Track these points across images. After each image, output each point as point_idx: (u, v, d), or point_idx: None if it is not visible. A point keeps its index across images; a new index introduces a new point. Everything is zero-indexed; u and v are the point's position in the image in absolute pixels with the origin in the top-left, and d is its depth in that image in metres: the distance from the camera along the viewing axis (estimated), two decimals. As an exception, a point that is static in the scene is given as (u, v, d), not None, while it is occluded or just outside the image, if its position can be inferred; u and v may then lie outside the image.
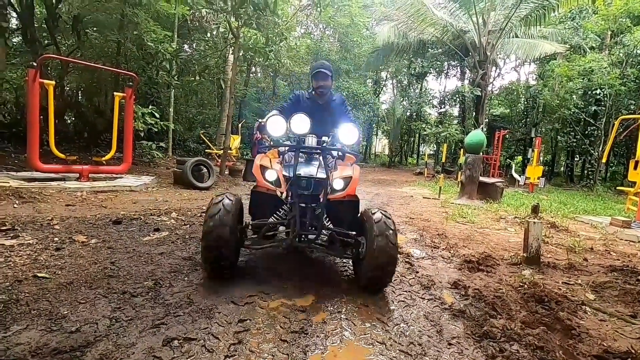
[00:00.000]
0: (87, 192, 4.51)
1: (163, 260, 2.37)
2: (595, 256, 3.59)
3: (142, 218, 3.42)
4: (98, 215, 3.40)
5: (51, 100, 4.82)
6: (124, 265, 2.23)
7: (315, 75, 2.70)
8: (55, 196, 4.09)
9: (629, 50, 12.42)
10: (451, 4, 13.48)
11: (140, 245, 2.66)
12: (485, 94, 13.13)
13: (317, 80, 2.71)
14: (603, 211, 7.33)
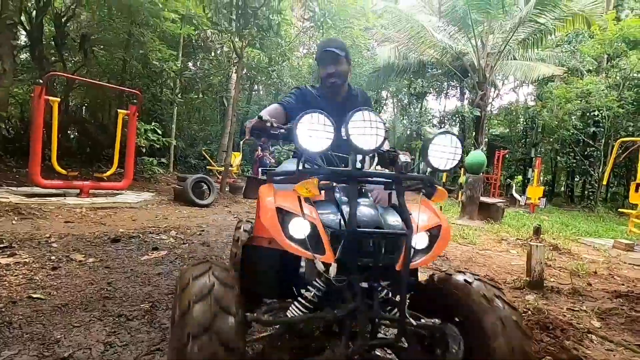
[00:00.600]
0: (87, 208, 4.49)
1: (161, 281, 2.33)
2: (599, 280, 3.54)
3: (140, 236, 3.39)
4: (96, 233, 3.38)
5: (55, 116, 4.87)
6: (120, 286, 2.19)
7: (322, 59, 1.79)
8: (55, 212, 4.07)
9: (626, 73, 12.62)
10: (450, 27, 13.82)
11: (138, 264, 2.63)
12: (485, 114, 13.28)
13: (326, 66, 1.78)
14: (605, 233, 7.27)
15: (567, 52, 15.80)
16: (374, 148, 1.12)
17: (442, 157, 1.17)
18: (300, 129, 1.10)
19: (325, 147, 1.11)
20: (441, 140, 1.16)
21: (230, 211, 5.82)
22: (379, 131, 1.11)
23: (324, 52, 1.78)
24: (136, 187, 7.49)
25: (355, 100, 1.91)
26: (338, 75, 1.79)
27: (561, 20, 12.13)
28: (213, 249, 3.25)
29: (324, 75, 1.80)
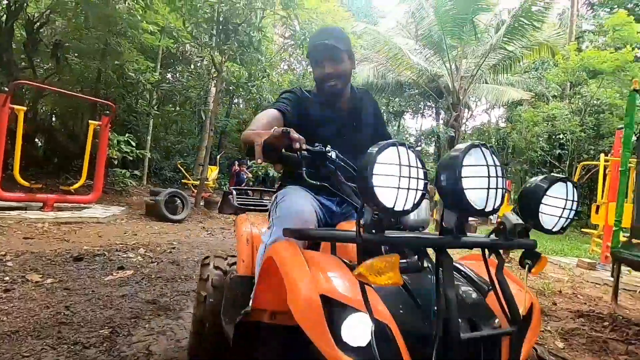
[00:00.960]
0: (50, 223, 4.27)
1: (124, 304, 2.22)
2: (563, 300, 3.67)
3: (106, 254, 3.24)
4: (58, 250, 3.20)
5: (20, 125, 4.66)
6: (79, 310, 2.07)
7: (317, 55, 1.36)
8: (13, 227, 3.84)
9: (587, 100, 13.49)
10: (426, 50, 14.39)
11: (101, 286, 2.50)
12: (459, 134, 13.76)
13: (322, 64, 1.35)
14: (570, 252, 7.60)
15: (534, 78, 16.77)
16: (494, 209, 0.73)
17: (557, 214, 0.83)
18: (380, 172, 0.66)
19: (415, 203, 0.69)
20: (557, 191, 0.82)
21: (204, 227, 5.69)
22: (499, 181, 0.72)
23: (319, 45, 1.33)
24: (106, 201, 7.20)
25: (363, 109, 1.50)
26: (338, 76, 1.34)
27: (528, 48, 12.91)
28: (183, 268, 3.15)
29: (321, 77, 1.35)
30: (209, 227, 5.69)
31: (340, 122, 1.42)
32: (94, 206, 5.64)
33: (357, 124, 1.46)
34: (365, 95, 1.56)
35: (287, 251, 0.85)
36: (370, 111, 1.53)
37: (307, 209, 1.20)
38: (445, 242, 0.76)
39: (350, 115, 1.46)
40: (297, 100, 1.39)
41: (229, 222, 6.77)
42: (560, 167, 15.01)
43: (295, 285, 0.75)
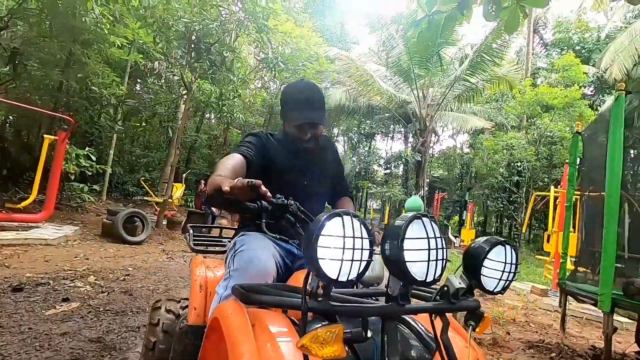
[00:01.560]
0: (-10, 245, 3.93)
1: (64, 344, 2.06)
2: (517, 329, 3.81)
3: (50, 283, 3.02)
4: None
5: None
6: (11, 352, 1.90)
7: (298, 118, 1.36)
8: (-54, 251, 3.50)
9: (541, 131, 14.51)
10: (396, 77, 15.02)
11: (40, 321, 2.31)
12: (425, 159, 14.29)
13: (302, 129, 1.38)
14: (526, 277, 7.96)
15: (494, 108, 17.86)
16: (434, 279, 0.74)
17: (497, 277, 0.85)
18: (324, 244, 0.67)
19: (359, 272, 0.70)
20: (497, 254, 0.85)
21: (164, 250, 5.45)
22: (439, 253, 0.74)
23: (307, 101, 1.34)
24: (59, 219, 6.76)
25: (326, 156, 1.55)
26: (314, 140, 1.40)
27: (489, 81, 13.83)
28: (136, 299, 2.98)
29: (297, 135, 1.37)
30: (169, 250, 5.46)
31: (303, 170, 1.44)
32: (44, 225, 5.26)
33: (320, 172, 1.49)
34: (327, 142, 1.59)
35: (235, 315, 0.86)
36: (332, 158, 1.59)
37: (266, 261, 1.19)
38: (390, 311, 0.77)
39: (314, 162, 1.48)
40: (262, 145, 1.39)
41: (191, 244, 6.55)
42: (518, 193, 15.88)
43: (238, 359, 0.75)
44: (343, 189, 1.63)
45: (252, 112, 18.20)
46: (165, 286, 3.47)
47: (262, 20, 6.46)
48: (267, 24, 6.47)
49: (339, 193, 1.62)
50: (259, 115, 18.99)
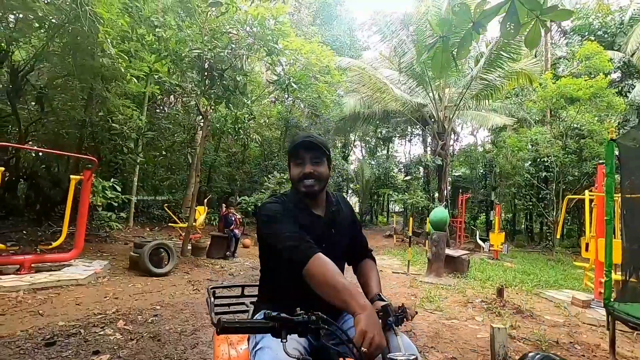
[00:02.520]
0: (24, 291, 4.06)
1: (95, 408, 2.06)
2: (562, 353, 3.57)
3: (81, 332, 3.06)
4: (30, 331, 3.02)
5: (-3, 187, 4.52)
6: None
7: (297, 154, 1.37)
8: (-16, 301, 3.64)
9: (567, 124, 13.88)
10: (410, 81, 14.80)
11: (72, 381, 2.33)
12: (447, 163, 13.93)
13: (302, 164, 1.36)
14: (565, 283, 7.54)
15: (515, 104, 17.28)
16: None
17: None
18: None
19: None
20: None
21: (190, 280, 5.49)
22: None
23: (301, 144, 1.34)
24: (89, 251, 6.97)
25: (340, 214, 1.48)
26: (318, 177, 1.34)
27: (507, 77, 13.38)
28: (164, 345, 2.98)
29: (298, 177, 1.34)
30: (195, 280, 5.50)
31: (317, 230, 1.37)
32: (74, 262, 5.42)
33: (335, 231, 1.43)
34: (341, 199, 1.56)
35: None
36: (347, 216, 1.53)
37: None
38: None
39: (328, 222, 1.43)
40: (285, 211, 1.36)
41: (216, 270, 6.58)
42: (547, 189, 15.20)
43: None
44: (364, 250, 1.57)
45: (269, 126, 18.38)
46: (193, 326, 3.46)
47: (272, 43, 6.49)
48: (277, 46, 6.50)
49: (360, 255, 1.55)
50: (275, 128, 19.14)
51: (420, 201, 13.52)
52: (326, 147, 1.38)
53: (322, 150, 1.36)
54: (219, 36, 6.85)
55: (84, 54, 7.53)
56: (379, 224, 29.87)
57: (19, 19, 7.76)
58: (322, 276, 1.10)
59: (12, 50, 8.75)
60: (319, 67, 9.82)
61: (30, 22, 7.43)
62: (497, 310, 4.77)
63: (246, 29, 6.90)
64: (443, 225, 6.81)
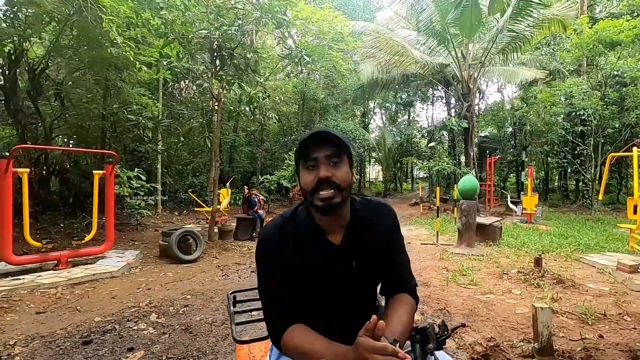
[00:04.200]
0: (63, 287, 4.22)
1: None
2: (610, 326, 3.34)
3: (116, 328, 3.13)
4: (68, 329, 3.11)
5: (25, 189, 4.63)
6: None
7: (307, 154, 1.01)
8: (26, 300, 3.79)
9: (606, 73, 12.71)
10: (430, 41, 13.88)
11: (109, 381, 2.37)
12: (473, 125, 13.23)
13: (315, 163, 1.00)
14: (607, 245, 7.11)
15: (546, 55, 15.96)
16: None
17: None
18: None
19: None
20: None
21: (218, 265, 5.57)
22: None
23: (312, 138, 1.00)
24: (121, 241, 7.21)
25: (368, 234, 1.09)
26: (337, 184, 0.98)
27: (537, 26, 12.24)
28: (196, 337, 3.00)
29: (312, 185, 0.99)
30: (223, 265, 5.57)
31: (329, 266, 1.05)
32: (108, 254, 5.60)
33: (357, 264, 1.06)
34: (372, 210, 1.13)
35: None
36: (379, 235, 1.11)
37: None
38: None
39: (347, 253, 1.06)
40: (279, 253, 1.05)
41: (244, 253, 6.66)
42: (584, 145, 14.25)
43: None
44: (400, 282, 1.14)
45: (285, 101, 18.05)
46: (223, 315, 3.48)
47: (280, 14, 6.12)
48: (285, 17, 6.13)
49: (394, 288, 1.14)
50: (292, 102, 18.78)
51: (447, 167, 13.04)
52: (345, 143, 1.02)
53: (342, 145, 1.00)
54: (224, 13, 6.53)
55: (94, 44, 7.46)
56: (404, 192, 29.48)
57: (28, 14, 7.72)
58: (298, 350, 0.96)
59: (27, 48, 8.82)
60: (331, 35, 9.31)
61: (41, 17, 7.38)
62: (536, 281, 4.54)
63: (252, 1, 6.52)
64: (473, 194, 6.49)
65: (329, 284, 1.05)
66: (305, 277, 1.05)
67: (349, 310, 1.08)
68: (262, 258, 1.09)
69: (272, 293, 1.05)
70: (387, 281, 1.15)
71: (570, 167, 16.18)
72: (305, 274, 1.05)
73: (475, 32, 11.62)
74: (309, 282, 1.05)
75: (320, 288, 1.05)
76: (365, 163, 30.69)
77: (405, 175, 35.73)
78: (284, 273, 1.04)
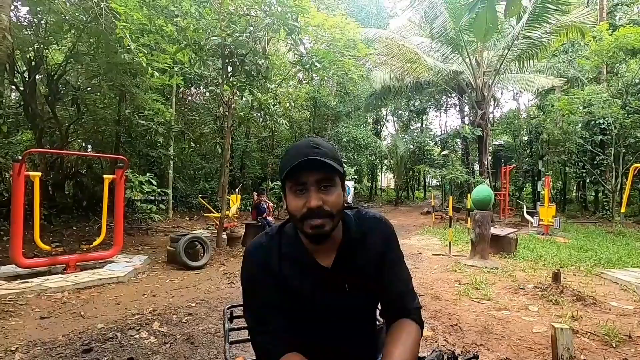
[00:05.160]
0: (69, 291, 4.21)
1: None
2: (635, 350, 3.12)
3: (118, 336, 3.08)
4: (70, 335, 3.08)
5: (37, 192, 4.67)
6: None
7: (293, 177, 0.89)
8: (32, 304, 3.79)
9: (628, 80, 12.32)
10: (444, 48, 13.74)
11: (106, 393, 2.30)
12: (487, 133, 12.97)
13: (303, 190, 0.89)
14: (629, 260, 6.78)
15: (564, 62, 15.61)
16: None
17: None
18: None
19: None
20: None
21: (225, 272, 5.50)
22: None
23: (303, 164, 0.87)
24: (131, 245, 7.24)
25: (362, 255, 0.99)
26: (328, 212, 0.89)
27: (554, 33, 11.98)
28: (197, 347, 2.92)
29: (301, 214, 0.89)
30: (230, 272, 5.50)
31: (319, 291, 0.95)
32: (116, 258, 5.60)
33: (350, 286, 0.97)
34: (367, 227, 1.02)
35: None
36: (374, 254, 1.00)
37: None
38: None
39: (338, 276, 0.96)
40: (261, 288, 0.96)
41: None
42: (604, 155, 13.78)
43: None
44: (400, 305, 1.01)
45: (297, 107, 18.08)
46: (226, 326, 3.39)
47: (292, 21, 6.11)
48: (297, 24, 6.11)
49: (396, 310, 1.01)
50: (304, 109, 18.80)
51: (460, 176, 12.78)
52: (338, 162, 0.91)
53: (333, 168, 0.89)
54: (236, 19, 6.57)
55: (109, 51, 7.59)
56: (416, 200, 29.09)
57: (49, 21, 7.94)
58: None
59: (46, 55, 9.07)
60: (344, 42, 9.29)
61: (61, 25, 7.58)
62: (554, 297, 4.32)
63: (264, 8, 6.54)
64: (487, 204, 6.29)
65: (319, 310, 0.96)
66: (293, 303, 0.95)
67: (345, 335, 0.99)
68: (246, 279, 1.00)
69: (259, 318, 0.95)
70: (386, 304, 1.04)
71: (589, 177, 15.66)
72: (293, 300, 0.95)
73: (491, 36, 11.43)
74: (297, 308, 0.95)
75: (310, 314, 0.96)
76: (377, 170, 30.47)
77: (418, 183, 35.28)
78: (271, 296, 0.95)
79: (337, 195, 0.91)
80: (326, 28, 8.70)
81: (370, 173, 29.55)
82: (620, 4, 16.80)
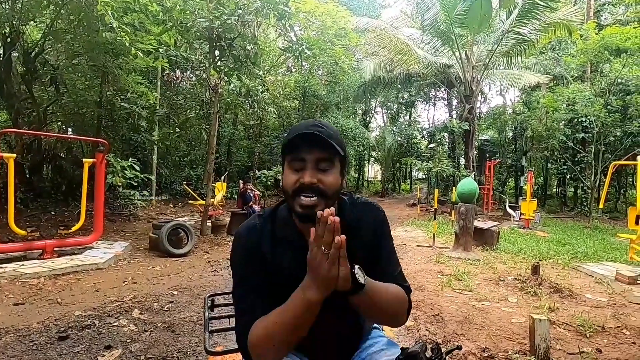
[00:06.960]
0: (45, 277, 4.08)
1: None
2: (609, 340, 3.23)
3: (96, 323, 3.00)
4: (46, 322, 2.98)
5: (11, 174, 4.47)
6: None
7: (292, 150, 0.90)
8: (5, 290, 3.66)
9: (611, 80, 12.59)
10: (435, 40, 13.72)
11: (82, 381, 2.24)
12: (474, 127, 13.11)
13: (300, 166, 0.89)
14: (605, 254, 7.02)
15: (550, 59, 15.83)
16: None
17: None
18: None
19: None
20: None
21: (209, 260, 5.44)
22: None
23: (303, 136, 0.87)
24: (112, 231, 7.08)
25: (356, 238, 0.93)
26: (322, 190, 0.87)
27: (543, 30, 12.11)
28: (178, 335, 2.87)
29: (293, 188, 0.88)
30: (214, 260, 5.44)
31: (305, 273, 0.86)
32: (96, 245, 5.46)
33: None
34: (360, 210, 1.03)
35: None
36: (368, 238, 1.01)
37: None
38: None
39: None
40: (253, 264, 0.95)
41: (237, 248, 6.53)
42: (585, 152, 14.16)
43: None
44: (393, 280, 1.01)
45: (285, 96, 17.84)
46: (209, 314, 3.35)
47: (282, 6, 5.96)
48: (287, 9, 5.96)
49: None
50: (292, 98, 18.58)
51: (446, 169, 12.92)
52: (341, 144, 0.91)
53: (335, 148, 0.88)
54: (224, 2, 6.36)
55: (90, 29, 7.27)
56: (402, 192, 29.40)
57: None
58: (263, 339, 0.86)
59: (23, 31, 8.61)
60: (335, 30, 9.14)
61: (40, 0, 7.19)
62: (533, 289, 4.43)
63: (253, -9, 6.35)
64: (472, 197, 6.37)
65: None
66: (283, 286, 0.91)
67: (333, 320, 0.98)
68: (236, 260, 0.99)
69: (246, 299, 0.93)
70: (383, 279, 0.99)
71: (569, 173, 16.11)
72: (284, 282, 0.91)
73: (484, 27, 11.41)
74: (287, 291, 0.91)
75: None
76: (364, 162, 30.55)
77: (404, 175, 35.62)
78: (260, 278, 0.95)
79: (334, 177, 0.90)
80: (317, 15, 8.53)
81: (358, 164, 29.61)
82: (607, 4, 17.06)
